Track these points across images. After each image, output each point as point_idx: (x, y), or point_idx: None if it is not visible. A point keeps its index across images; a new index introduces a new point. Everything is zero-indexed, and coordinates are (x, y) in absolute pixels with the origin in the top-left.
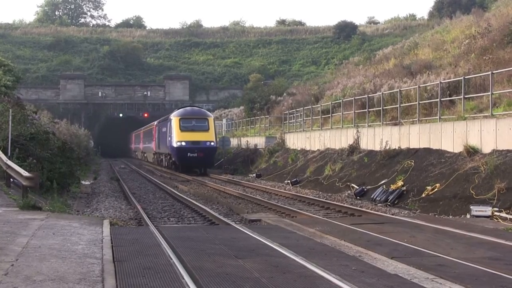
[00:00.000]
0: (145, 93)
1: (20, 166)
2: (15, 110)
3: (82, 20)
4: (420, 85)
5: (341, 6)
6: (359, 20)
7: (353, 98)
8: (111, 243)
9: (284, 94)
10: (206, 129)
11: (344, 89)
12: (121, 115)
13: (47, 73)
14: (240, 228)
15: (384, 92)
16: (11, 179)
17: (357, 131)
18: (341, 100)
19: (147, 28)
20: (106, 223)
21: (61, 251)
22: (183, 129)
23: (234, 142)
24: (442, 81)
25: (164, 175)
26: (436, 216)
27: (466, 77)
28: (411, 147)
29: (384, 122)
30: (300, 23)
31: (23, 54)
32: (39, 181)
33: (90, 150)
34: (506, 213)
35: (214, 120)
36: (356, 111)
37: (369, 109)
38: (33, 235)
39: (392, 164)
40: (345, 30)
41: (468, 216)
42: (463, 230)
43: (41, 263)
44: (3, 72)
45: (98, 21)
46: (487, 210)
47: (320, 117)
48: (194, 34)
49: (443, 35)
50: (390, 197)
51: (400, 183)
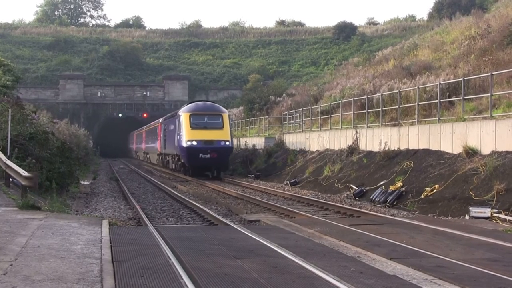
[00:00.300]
0: (145, 93)
1: (19, 166)
2: (15, 110)
3: (82, 20)
4: (420, 86)
5: (341, 7)
6: (359, 21)
7: (353, 99)
8: (110, 243)
9: (284, 95)
10: (220, 127)
11: (343, 90)
12: (121, 115)
13: (47, 73)
14: (239, 229)
15: (384, 93)
16: (10, 179)
17: (356, 132)
18: (341, 101)
19: (147, 28)
20: (105, 223)
21: (60, 251)
22: (194, 127)
23: (233, 143)
24: (442, 82)
25: (163, 175)
26: (435, 217)
27: (466, 78)
28: (410, 148)
29: (384, 123)
30: (300, 24)
31: (23, 54)
32: (38, 181)
33: (89, 150)
34: (505, 215)
35: (230, 117)
36: (356, 112)
37: (369, 110)
38: (32, 235)
39: (391, 165)
40: (345, 31)
41: (467, 217)
42: (462, 231)
43: (40, 263)
44: (3, 72)
45: (98, 21)
46: (486, 212)
47: (319, 118)
48: (194, 35)
49: (443, 36)
50: (389, 198)
51: (399, 184)
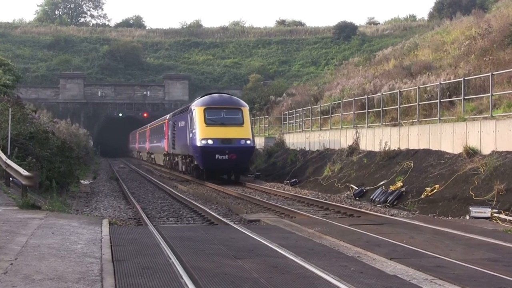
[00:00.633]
0: (145, 93)
1: (20, 165)
2: (15, 109)
3: (82, 20)
4: (420, 86)
5: (341, 7)
6: (359, 21)
7: (353, 99)
8: (110, 243)
9: (284, 95)
10: (240, 123)
11: (344, 90)
12: (121, 115)
13: (47, 73)
14: (239, 228)
15: (384, 93)
16: (11, 178)
17: (357, 132)
18: (341, 101)
19: (147, 28)
20: (105, 223)
21: (60, 250)
22: (210, 123)
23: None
24: (442, 82)
25: (163, 175)
26: (435, 217)
27: (466, 78)
28: (411, 148)
29: (384, 123)
30: (300, 24)
31: (23, 53)
32: (39, 180)
33: (90, 150)
34: (505, 215)
35: (250, 111)
36: (356, 112)
37: (369, 110)
38: (32, 234)
39: (392, 165)
40: (345, 31)
41: (467, 217)
42: (462, 231)
43: (40, 262)
44: (3, 71)
45: (98, 21)
46: (486, 212)
47: (320, 118)
48: (194, 34)
49: (443, 36)
50: (389, 198)
51: (400, 184)
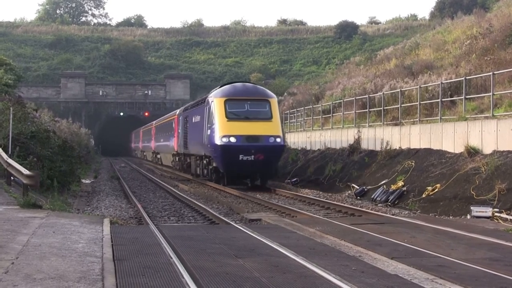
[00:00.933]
0: (146, 92)
1: (21, 165)
2: (16, 109)
3: (83, 19)
4: (421, 86)
5: (342, 6)
6: (360, 20)
7: (354, 98)
8: (111, 242)
9: (285, 94)
10: (268, 117)
11: (345, 89)
12: (122, 114)
13: (48, 72)
14: (240, 228)
15: (385, 92)
16: (12, 177)
17: (358, 131)
18: (342, 100)
19: (148, 27)
20: (106, 222)
21: (61, 250)
22: (232, 117)
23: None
24: (443, 82)
25: (165, 174)
26: (437, 217)
27: (467, 78)
28: (412, 148)
29: (385, 122)
30: (301, 23)
31: (24, 53)
32: (40, 180)
33: (91, 149)
34: (507, 214)
35: (279, 104)
36: (357, 111)
37: (370, 109)
38: (34, 234)
39: (393, 164)
40: (346, 30)
41: (469, 217)
42: (464, 231)
43: (41, 262)
44: (4, 71)
45: (99, 20)
46: (488, 211)
47: (321, 117)
48: (195, 33)
49: (445, 36)
50: (391, 197)
51: (401, 184)
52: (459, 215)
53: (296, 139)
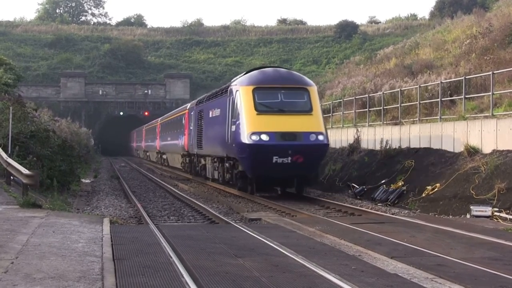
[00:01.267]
0: (146, 92)
1: (20, 164)
2: (16, 108)
3: (83, 18)
4: (421, 85)
5: (342, 6)
6: (360, 20)
7: (354, 98)
8: (111, 241)
9: None
10: (307, 110)
11: (345, 89)
12: (122, 114)
13: (48, 71)
14: (240, 227)
15: (385, 92)
16: (11, 177)
17: (358, 131)
18: (342, 100)
19: (148, 27)
20: (106, 221)
21: (61, 249)
22: (263, 110)
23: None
24: (443, 81)
25: (164, 174)
26: (436, 216)
27: (467, 77)
28: (412, 147)
29: (385, 122)
30: (301, 22)
31: (24, 52)
32: (39, 179)
33: (91, 148)
34: (506, 213)
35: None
36: (357, 111)
37: (370, 109)
38: (33, 233)
39: (393, 164)
40: (346, 30)
41: (468, 216)
42: (463, 230)
43: (41, 261)
44: (4, 70)
45: (99, 19)
46: (487, 210)
47: None
48: (195, 33)
49: (444, 35)
50: (390, 197)
51: (401, 183)
52: (459, 215)
53: None
